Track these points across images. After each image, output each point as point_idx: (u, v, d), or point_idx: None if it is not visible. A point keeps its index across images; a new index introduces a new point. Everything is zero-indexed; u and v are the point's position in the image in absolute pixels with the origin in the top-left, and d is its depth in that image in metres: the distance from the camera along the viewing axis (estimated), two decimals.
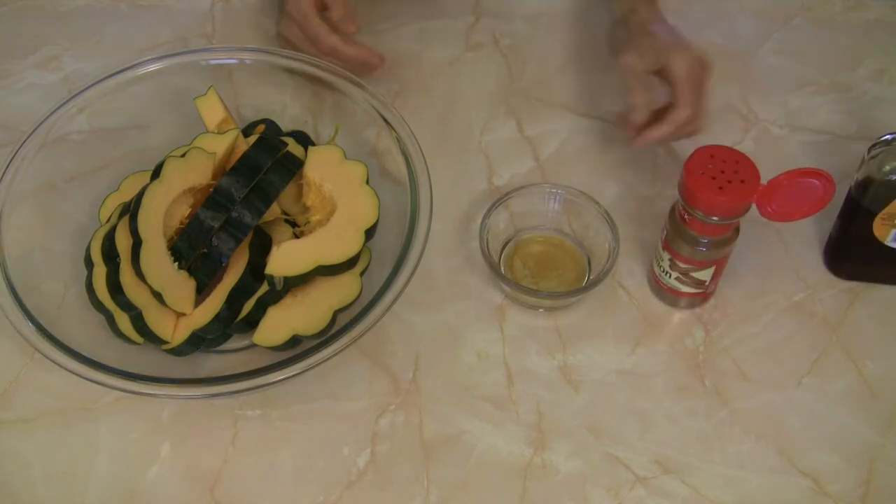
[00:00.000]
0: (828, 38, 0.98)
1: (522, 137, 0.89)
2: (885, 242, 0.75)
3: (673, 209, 0.73)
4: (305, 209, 0.77)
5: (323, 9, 0.84)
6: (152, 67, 0.82)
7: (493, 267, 0.77)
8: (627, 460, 0.71)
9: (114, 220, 0.76)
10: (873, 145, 0.72)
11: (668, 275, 0.76)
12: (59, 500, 0.69)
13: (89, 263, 0.75)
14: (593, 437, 0.72)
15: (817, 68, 0.95)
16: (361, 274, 0.74)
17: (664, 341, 0.77)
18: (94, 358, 0.68)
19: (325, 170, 0.76)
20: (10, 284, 0.71)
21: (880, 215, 0.73)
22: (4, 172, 0.76)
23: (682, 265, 0.74)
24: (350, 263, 0.73)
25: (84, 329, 0.73)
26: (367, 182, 0.75)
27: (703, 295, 0.77)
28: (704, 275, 0.74)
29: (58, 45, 0.97)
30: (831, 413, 0.73)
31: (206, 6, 1.00)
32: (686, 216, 0.70)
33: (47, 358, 0.68)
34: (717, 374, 0.75)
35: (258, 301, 0.73)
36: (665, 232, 0.74)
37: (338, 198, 0.75)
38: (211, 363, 0.75)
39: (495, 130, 0.90)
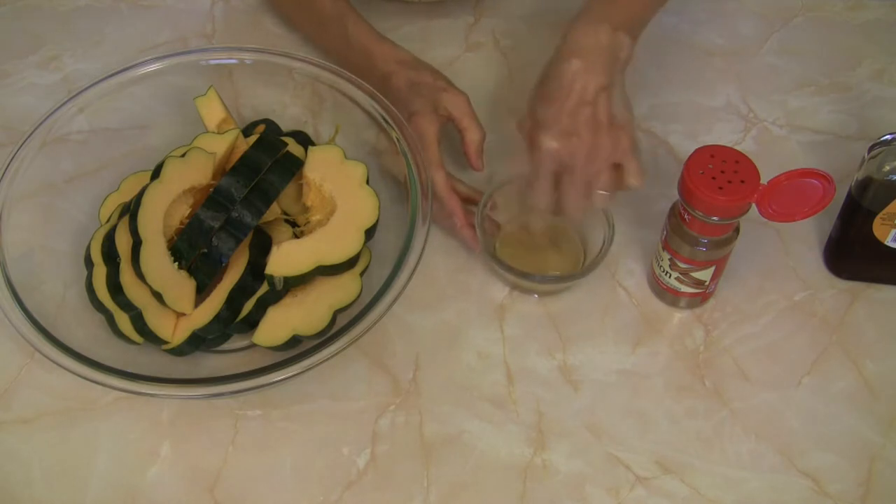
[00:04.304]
0: (828, 38, 0.98)
1: (522, 137, 0.89)
2: (885, 242, 0.75)
3: (673, 209, 0.73)
4: (305, 209, 0.77)
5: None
6: (152, 67, 0.82)
7: (490, 252, 0.77)
8: (627, 460, 0.71)
9: (114, 220, 0.77)
10: (873, 145, 0.72)
11: (668, 275, 0.76)
12: (58, 500, 0.69)
13: (89, 263, 0.75)
14: (593, 437, 0.72)
15: (817, 68, 0.95)
16: (361, 274, 0.74)
17: (664, 341, 0.77)
18: (94, 358, 0.68)
19: (325, 170, 0.76)
20: (10, 284, 0.71)
21: (880, 215, 0.73)
22: (4, 172, 0.76)
23: (682, 265, 0.74)
24: (350, 263, 0.73)
25: (84, 329, 0.73)
26: (367, 182, 0.75)
27: (703, 295, 0.77)
28: (704, 275, 0.74)
29: (58, 45, 0.97)
30: (831, 413, 0.73)
31: (206, 6, 1.00)
32: (686, 216, 0.70)
33: (47, 358, 0.68)
34: (717, 374, 0.75)
35: (258, 301, 0.73)
36: (665, 232, 0.74)
37: (338, 198, 0.75)
38: (211, 363, 0.75)
39: (495, 130, 0.90)
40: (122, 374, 0.67)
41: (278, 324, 0.72)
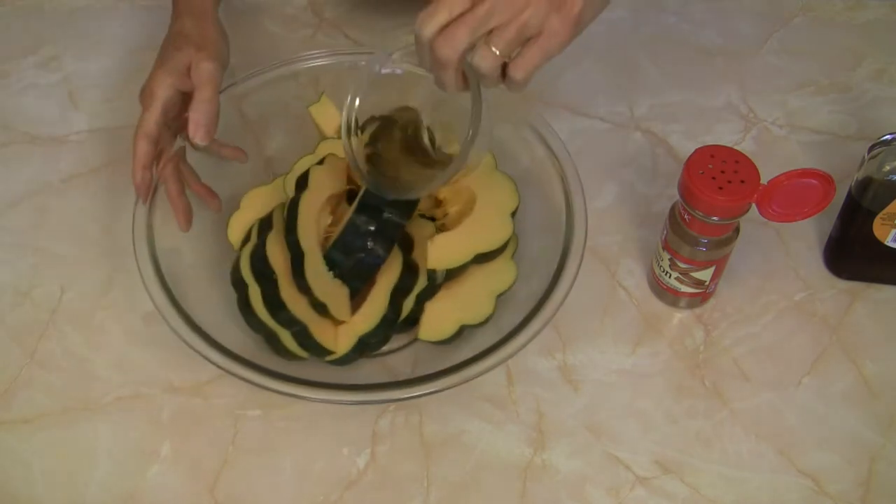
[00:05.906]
0: (828, 38, 0.98)
1: (522, 138, 0.89)
2: (885, 242, 0.76)
3: (673, 209, 0.73)
4: (437, 203, 0.77)
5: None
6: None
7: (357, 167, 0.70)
8: (627, 460, 0.71)
9: (254, 237, 0.74)
10: (873, 145, 0.72)
11: (668, 275, 0.76)
12: (59, 500, 0.69)
13: (241, 285, 0.72)
14: (593, 437, 0.72)
15: (817, 68, 0.95)
16: (512, 256, 0.75)
17: (664, 341, 0.77)
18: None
19: None
20: (161, 278, 0.70)
21: (880, 215, 0.73)
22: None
23: (682, 265, 0.74)
24: (502, 248, 0.74)
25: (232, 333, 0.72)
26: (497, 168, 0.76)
27: (703, 295, 0.77)
28: (704, 275, 0.74)
29: (58, 45, 0.97)
30: (831, 413, 0.73)
31: None
32: (686, 216, 0.70)
33: (216, 367, 0.66)
34: (717, 374, 0.75)
35: (416, 298, 0.73)
36: (665, 232, 0.74)
37: (474, 187, 0.75)
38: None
39: (494, 130, 0.90)
40: (284, 377, 0.66)
41: (442, 317, 0.72)
